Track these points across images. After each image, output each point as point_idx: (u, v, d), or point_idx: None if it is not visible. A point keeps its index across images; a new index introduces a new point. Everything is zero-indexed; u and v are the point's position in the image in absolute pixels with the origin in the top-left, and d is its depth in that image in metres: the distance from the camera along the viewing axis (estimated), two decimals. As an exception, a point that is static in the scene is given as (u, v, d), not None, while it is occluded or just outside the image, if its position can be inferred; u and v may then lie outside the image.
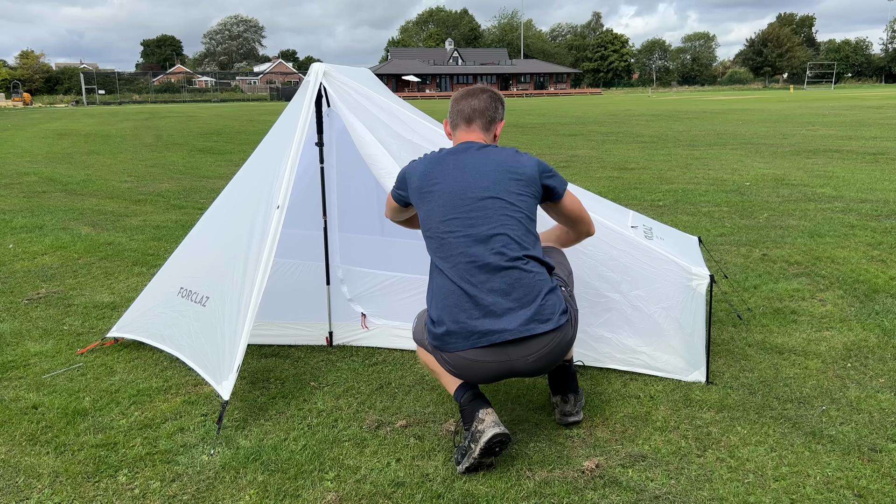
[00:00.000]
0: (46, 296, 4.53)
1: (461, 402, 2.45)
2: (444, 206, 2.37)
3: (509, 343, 2.28)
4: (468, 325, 2.29)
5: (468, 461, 2.34)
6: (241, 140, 17.19)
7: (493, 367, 2.33)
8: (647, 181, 9.14)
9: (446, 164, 2.44)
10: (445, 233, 2.35)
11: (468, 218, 2.34)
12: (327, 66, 3.11)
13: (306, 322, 3.56)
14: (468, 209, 2.34)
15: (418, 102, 44.48)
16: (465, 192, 2.36)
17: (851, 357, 3.30)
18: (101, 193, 9.05)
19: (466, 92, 2.61)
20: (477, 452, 2.30)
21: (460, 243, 2.33)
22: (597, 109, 31.27)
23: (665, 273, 2.95)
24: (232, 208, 3.30)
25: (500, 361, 2.31)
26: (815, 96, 43.95)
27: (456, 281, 2.31)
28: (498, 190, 2.35)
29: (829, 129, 16.35)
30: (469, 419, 2.39)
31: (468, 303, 2.29)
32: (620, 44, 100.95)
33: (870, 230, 5.87)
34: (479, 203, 2.34)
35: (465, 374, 2.39)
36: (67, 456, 2.53)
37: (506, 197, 2.35)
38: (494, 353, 2.29)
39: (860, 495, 2.23)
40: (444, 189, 2.39)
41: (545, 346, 2.31)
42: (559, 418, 2.69)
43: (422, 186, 2.44)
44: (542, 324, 2.29)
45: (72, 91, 67.31)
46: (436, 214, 2.39)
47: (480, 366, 2.33)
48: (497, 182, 2.36)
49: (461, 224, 2.34)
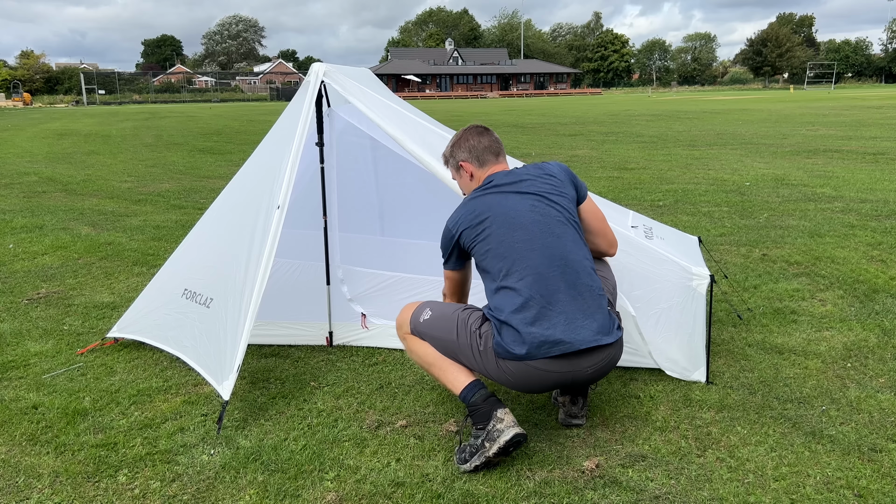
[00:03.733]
0: (46, 296, 4.53)
1: (473, 401, 2.41)
2: (500, 228, 2.40)
3: (579, 353, 2.32)
4: (540, 336, 2.29)
5: (479, 459, 2.34)
6: (241, 140, 17.20)
7: (556, 377, 2.35)
8: (647, 181, 9.14)
9: (490, 198, 2.46)
10: (506, 251, 2.38)
11: (528, 234, 2.38)
12: (327, 65, 3.11)
13: (306, 322, 3.56)
14: (526, 227, 2.39)
15: (418, 102, 44.50)
16: (518, 213, 2.41)
17: (851, 357, 3.30)
18: (101, 193, 9.05)
19: (478, 130, 2.65)
20: (493, 451, 2.31)
21: (524, 257, 2.36)
22: (597, 109, 31.27)
23: (665, 273, 2.95)
24: (232, 208, 3.30)
25: (566, 371, 2.33)
26: (815, 96, 43.95)
27: (525, 294, 2.33)
28: (552, 205, 2.44)
29: (829, 129, 16.35)
30: (485, 418, 2.38)
31: (540, 314, 2.31)
32: (621, 44, 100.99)
33: (870, 230, 5.87)
34: (539, 220, 2.40)
35: (524, 383, 2.38)
36: (67, 456, 2.53)
37: (562, 212, 2.44)
38: (563, 363, 2.32)
39: (860, 495, 2.23)
40: (495, 219, 2.41)
41: (604, 357, 2.37)
42: (562, 418, 2.69)
43: (473, 226, 2.45)
44: (606, 335, 2.35)
45: (72, 91, 67.32)
46: (494, 239, 2.40)
47: (545, 375, 2.33)
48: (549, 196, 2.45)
49: (523, 239, 2.37)
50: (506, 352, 2.33)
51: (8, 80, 66.80)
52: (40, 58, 78.70)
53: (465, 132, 2.65)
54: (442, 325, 2.51)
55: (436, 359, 2.51)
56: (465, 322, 2.47)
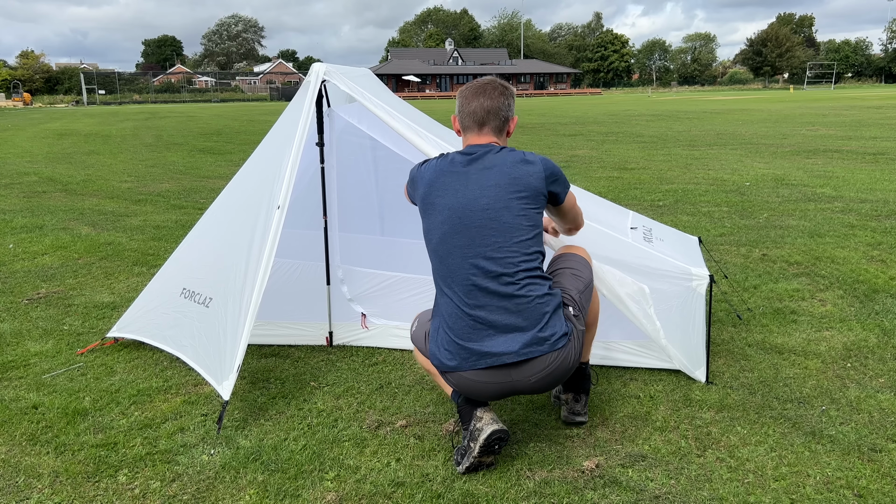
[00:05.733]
0: (46, 296, 4.53)
1: (458, 403, 2.45)
2: (444, 224, 2.31)
3: (510, 365, 2.27)
4: (468, 348, 2.27)
5: (468, 461, 2.34)
6: (242, 140, 17.20)
7: (496, 388, 2.32)
8: (647, 181, 9.14)
9: (450, 178, 2.34)
10: (445, 252, 2.30)
11: (467, 238, 2.27)
12: (328, 65, 3.10)
13: (306, 322, 3.56)
14: (467, 228, 2.27)
15: (418, 102, 44.50)
16: (464, 209, 2.28)
17: (851, 357, 3.30)
18: (101, 193, 9.05)
19: (476, 88, 2.43)
20: (476, 451, 2.30)
21: (459, 265, 2.28)
22: (597, 109, 31.27)
23: (664, 274, 2.95)
24: (232, 208, 3.29)
25: (502, 382, 2.30)
26: (814, 96, 43.95)
27: (457, 302, 2.29)
28: (498, 209, 2.27)
29: (829, 130, 16.35)
30: (467, 418, 2.39)
31: (469, 325, 2.27)
32: (621, 44, 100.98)
33: (870, 230, 5.87)
34: (478, 223, 2.26)
35: (469, 392, 2.37)
36: (67, 456, 2.53)
37: (506, 216, 2.27)
38: (495, 374, 2.28)
39: (860, 495, 2.23)
40: (444, 205, 2.31)
41: (546, 366, 2.28)
42: (566, 416, 2.68)
43: (425, 196, 2.38)
44: (540, 346, 2.26)
45: (72, 91, 67.34)
46: (436, 230, 2.33)
47: (483, 386, 2.31)
48: (498, 199, 2.27)
49: (460, 244, 2.28)
50: (440, 364, 2.35)
51: (8, 80, 66.80)
52: (40, 57, 78.72)
53: (465, 88, 2.47)
54: (419, 335, 2.57)
55: (429, 365, 2.54)
56: (426, 332, 2.51)
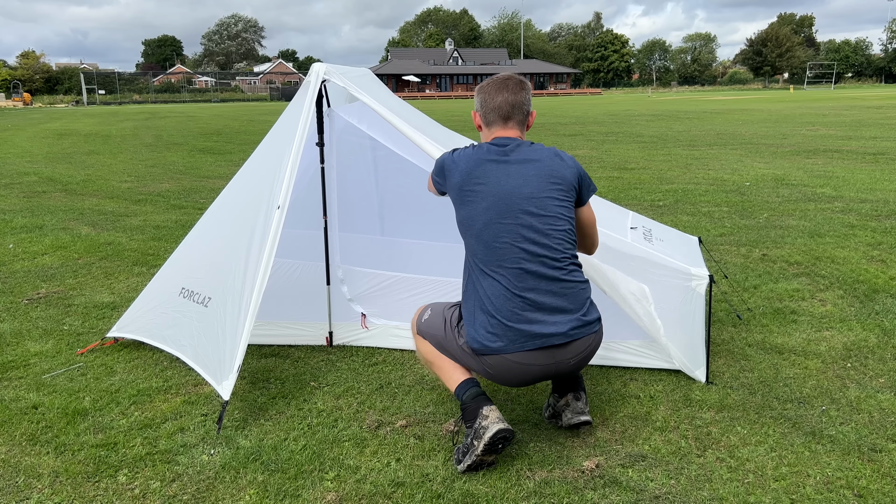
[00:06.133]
0: (46, 296, 4.53)
1: (463, 399, 2.43)
2: (489, 210, 2.35)
3: (557, 346, 2.34)
4: (517, 328, 2.31)
5: (470, 458, 2.34)
6: (242, 140, 17.20)
7: (539, 370, 2.36)
8: (647, 181, 9.14)
9: (489, 167, 2.39)
10: (491, 237, 2.34)
11: (514, 225, 2.33)
12: (328, 65, 3.10)
13: (306, 322, 3.56)
14: (514, 216, 2.33)
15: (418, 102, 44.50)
16: (509, 197, 2.35)
17: (851, 357, 3.30)
18: (101, 193, 9.05)
19: (498, 84, 2.51)
20: (480, 449, 2.30)
21: (507, 249, 2.32)
22: (597, 109, 31.27)
23: (664, 274, 2.95)
24: (232, 208, 3.29)
25: (546, 364, 2.35)
26: (814, 96, 43.95)
27: (504, 284, 2.32)
28: (542, 197, 2.36)
29: (829, 129, 16.35)
30: (472, 416, 2.38)
31: (518, 306, 2.31)
32: (621, 44, 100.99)
33: (870, 230, 5.87)
34: (523, 210, 2.34)
35: (506, 377, 2.39)
36: (67, 456, 2.53)
37: (549, 204, 2.36)
38: (542, 355, 2.33)
39: (860, 495, 2.23)
40: (487, 192, 2.36)
41: (586, 348, 2.41)
42: (570, 417, 2.58)
43: (463, 185, 2.40)
44: (584, 328, 2.37)
45: (72, 91, 67.34)
46: (479, 217, 2.36)
47: (526, 368, 2.34)
48: (540, 189, 2.36)
49: (507, 231, 2.33)
50: (484, 347, 2.34)
51: (8, 80, 66.81)
52: (40, 57, 78.74)
53: (488, 83, 2.54)
54: (435, 323, 2.56)
55: (435, 357, 2.55)
56: (449, 320, 2.52)
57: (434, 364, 2.56)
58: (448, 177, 2.46)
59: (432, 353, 2.55)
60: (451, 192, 2.46)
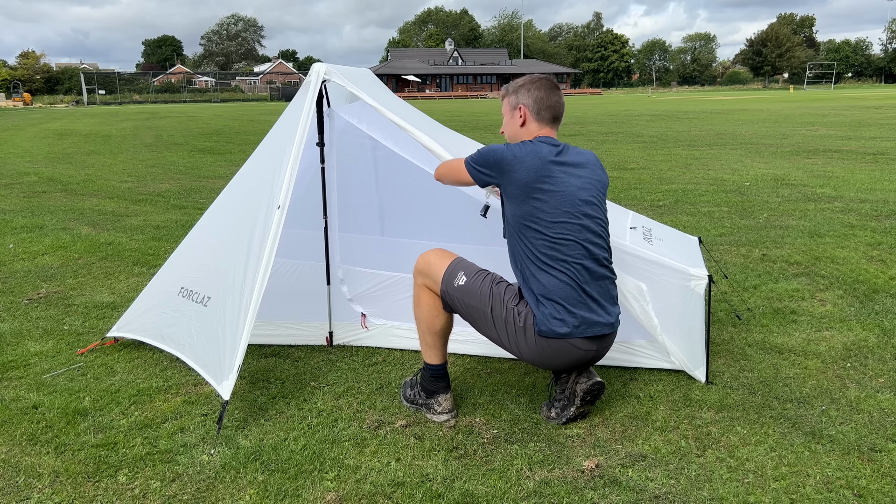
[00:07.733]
0: (46, 296, 4.53)
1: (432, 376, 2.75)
2: (556, 208, 2.49)
3: (604, 336, 2.57)
4: (581, 316, 2.49)
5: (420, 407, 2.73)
6: (242, 140, 17.20)
7: (583, 355, 2.55)
8: (647, 181, 9.14)
9: (555, 167, 2.51)
10: (558, 235, 2.49)
11: (577, 225, 2.50)
12: (328, 65, 3.10)
13: (306, 322, 3.56)
14: (576, 216, 2.50)
15: (418, 102, 44.52)
16: (574, 197, 2.51)
17: (851, 357, 3.30)
18: (101, 193, 9.05)
19: (552, 84, 2.66)
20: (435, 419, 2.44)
21: (571, 246, 2.49)
22: (597, 109, 31.27)
23: (663, 274, 2.95)
24: (232, 208, 3.29)
25: (590, 350, 2.55)
26: (814, 96, 43.95)
27: (571, 275, 2.49)
28: (598, 201, 2.60)
29: (828, 129, 16.35)
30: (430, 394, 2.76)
31: (580, 298, 2.50)
32: (620, 44, 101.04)
33: (870, 230, 5.87)
34: (583, 212, 2.52)
35: (555, 360, 2.56)
36: (67, 456, 2.53)
37: (602, 207, 2.61)
38: (592, 343, 2.54)
39: (860, 495, 2.23)
40: (556, 191, 2.49)
41: (613, 341, 2.68)
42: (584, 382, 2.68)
43: (532, 182, 2.48)
44: (616, 323, 2.62)
45: (72, 91, 67.36)
46: (547, 213, 2.48)
47: (575, 353, 2.53)
48: (596, 193, 2.59)
49: (571, 229, 2.49)
50: (549, 330, 2.48)
51: (8, 80, 66.82)
52: (40, 58, 78.76)
53: (539, 80, 2.66)
54: (476, 296, 2.63)
55: (431, 325, 2.72)
56: (500, 297, 2.61)
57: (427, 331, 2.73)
58: (510, 172, 2.51)
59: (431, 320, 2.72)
60: (514, 187, 2.51)
